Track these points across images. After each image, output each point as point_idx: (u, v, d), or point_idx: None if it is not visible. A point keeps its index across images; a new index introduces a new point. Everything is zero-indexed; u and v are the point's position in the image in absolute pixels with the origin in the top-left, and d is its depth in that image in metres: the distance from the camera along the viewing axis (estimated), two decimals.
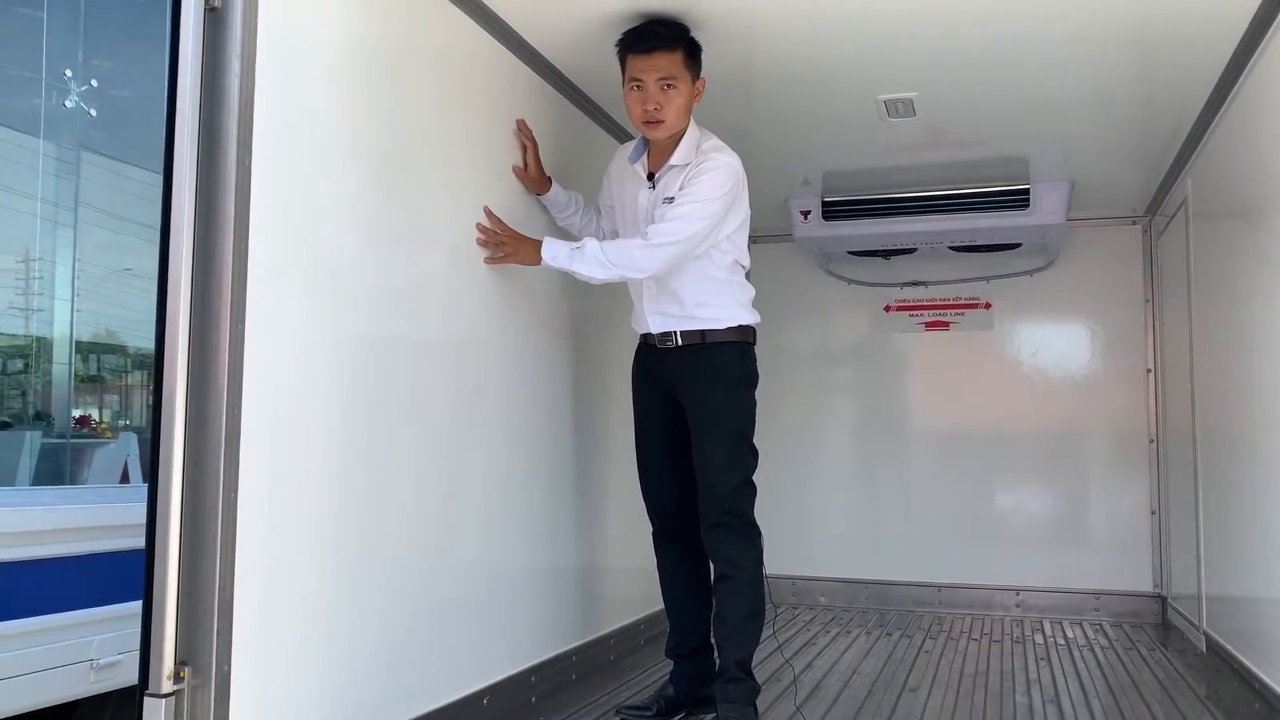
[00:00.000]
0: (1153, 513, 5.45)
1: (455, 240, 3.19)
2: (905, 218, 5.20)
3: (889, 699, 3.78)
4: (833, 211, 5.30)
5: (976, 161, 4.86)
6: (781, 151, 4.73)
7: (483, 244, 3.28)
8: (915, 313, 5.92)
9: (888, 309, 5.96)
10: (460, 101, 3.24)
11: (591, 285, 3.34)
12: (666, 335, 3.35)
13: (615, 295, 3.68)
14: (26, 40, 14.92)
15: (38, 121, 15.26)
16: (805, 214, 5.38)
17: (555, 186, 3.64)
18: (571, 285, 3.78)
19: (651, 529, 3.54)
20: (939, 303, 5.88)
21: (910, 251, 5.67)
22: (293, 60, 2.42)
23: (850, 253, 5.76)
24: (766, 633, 3.46)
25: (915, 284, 5.89)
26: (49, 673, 2.96)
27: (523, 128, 3.55)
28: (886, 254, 5.75)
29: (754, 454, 3.32)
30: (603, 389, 4.10)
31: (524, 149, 3.56)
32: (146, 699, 2.08)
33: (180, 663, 2.10)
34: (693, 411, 3.31)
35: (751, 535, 3.27)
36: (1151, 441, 5.50)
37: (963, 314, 5.85)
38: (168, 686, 2.08)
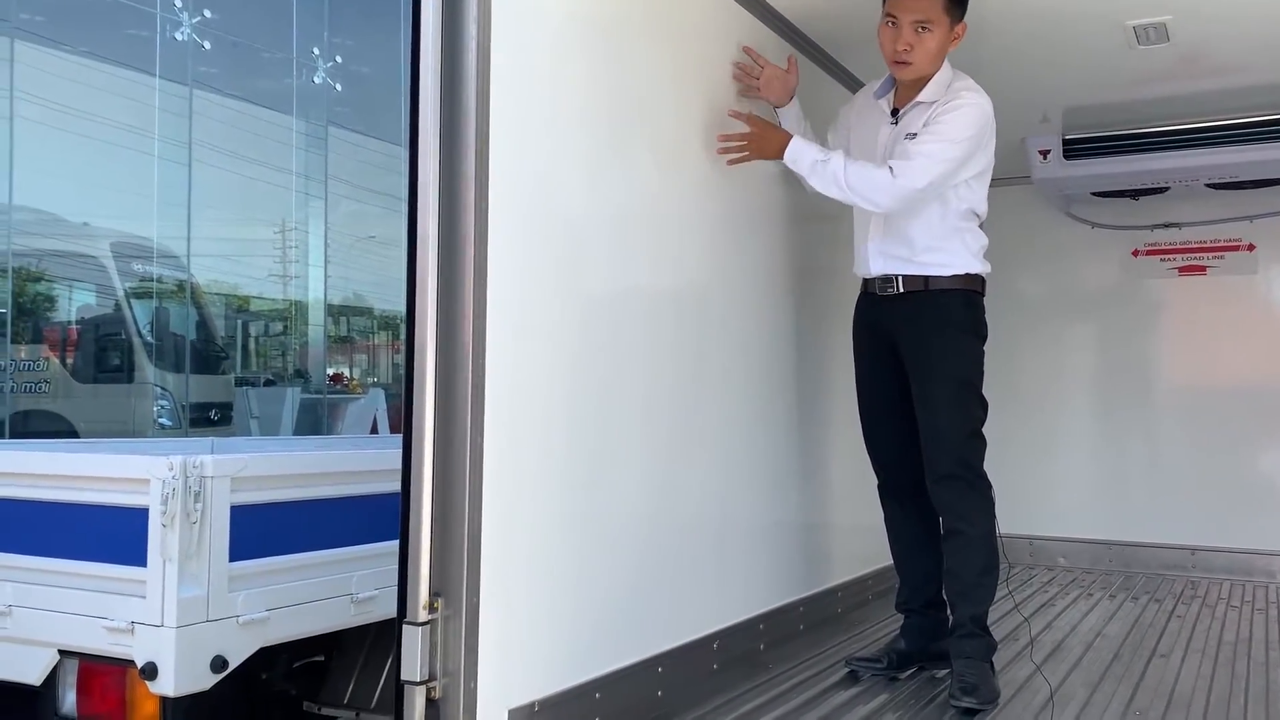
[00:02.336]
0: None
1: (690, 201, 3.21)
2: (1156, 154, 4.86)
3: (1138, 664, 3.58)
4: (1075, 150, 5.02)
5: (1239, 89, 4.46)
6: (1017, 87, 4.46)
7: (723, 150, 3.24)
8: (1168, 257, 5.52)
9: (1136, 254, 5.58)
10: (687, 53, 3.24)
11: (819, 232, 3.29)
12: (888, 281, 3.26)
13: (840, 247, 3.63)
14: (279, 23, 16.05)
15: (290, 100, 16.44)
16: (1044, 153, 5.11)
17: (795, 101, 3.51)
18: (798, 238, 3.75)
19: (877, 482, 3.49)
20: (1195, 246, 5.45)
21: (1162, 191, 5.28)
22: (525, 25, 2.48)
23: (1094, 194, 5.42)
24: (1002, 591, 3.36)
25: (1168, 226, 5.48)
26: (320, 603, 3.22)
27: (750, 54, 3.45)
28: (1135, 194, 5.38)
29: (983, 405, 3.22)
30: (826, 341, 4.04)
31: (760, 70, 3.43)
32: (405, 627, 2.24)
33: (434, 594, 2.25)
34: (913, 361, 3.22)
35: (982, 487, 3.17)
36: None
37: (1222, 257, 5.40)
38: (423, 616, 2.23)
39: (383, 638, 3.42)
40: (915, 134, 3.14)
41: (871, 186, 3.10)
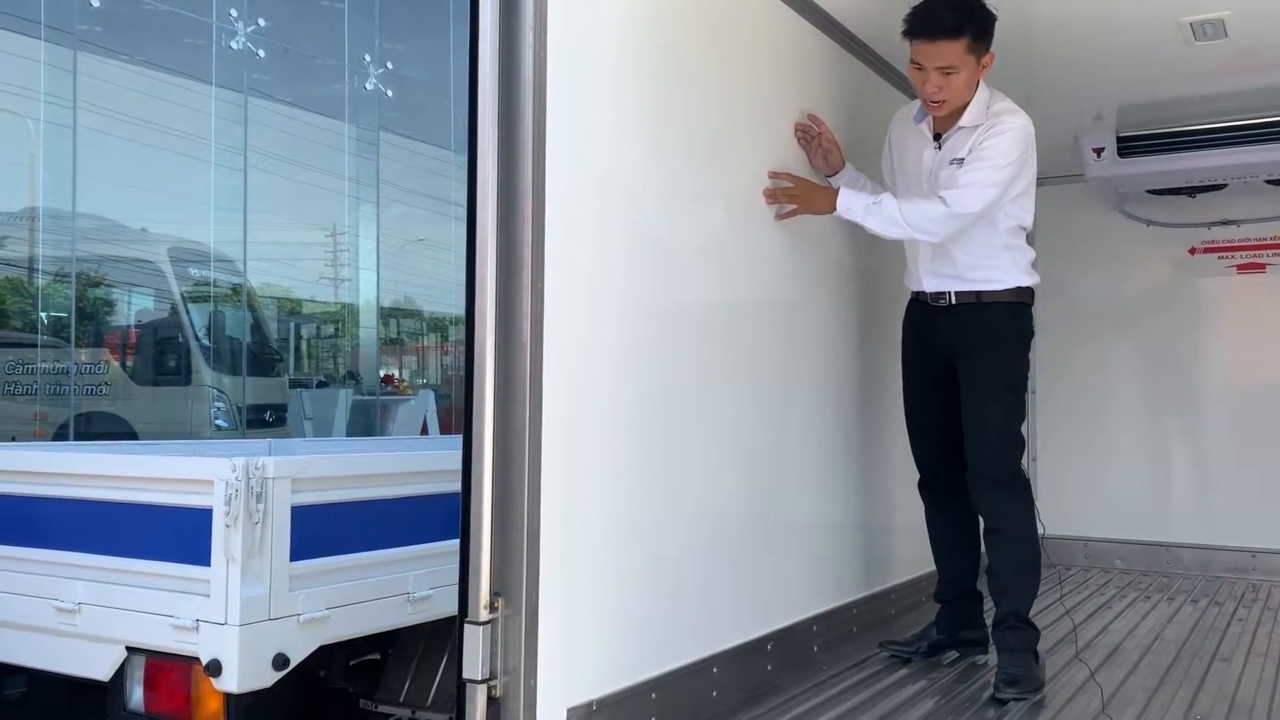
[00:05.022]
0: None
1: (741, 203, 3.22)
2: (1214, 150, 4.80)
3: (1198, 668, 3.53)
4: (1130, 147, 4.96)
5: None
6: (1070, 85, 4.44)
7: (771, 203, 3.30)
8: (1226, 255, 5.43)
9: (1193, 251, 5.50)
10: (741, 59, 3.25)
11: (872, 235, 3.35)
12: (940, 294, 3.36)
13: (892, 250, 3.64)
14: (331, 30, 16.25)
15: (342, 106, 16.63)
16: (1098, 151, 5.05)
17: (848, 166, 3.56)
18: (852, 241, 3.75)
19: (918, 478, 3.58)
20: (1254, 243, 5.35)
21: (1220, 187, 5.20)
22: (581, 32, 2.51)
23: (1149, 192, 5.35)
24: (1055, 594, 3.36)
25: (1226, 223, 5.39)
26: (378, 602, 3.28)
27: (811, 119, 3.49)
28: (1192, 191, 5.30)
29: (1023, 408, 3.38)
30: (882, 343, 4.02)
31: (818, 134, 3.48)
32: (466, 626, 2.27)
33: (495, 594, 2.27)
34: (964, 369, 3.33)
35: (1019, 487, 3.30)
36: None
37: None
38: (484, 615, 2.26)
39: (438, 636, 3.47)
40: (961, 159, 3.19)
41: (927, 219, 3.18)
